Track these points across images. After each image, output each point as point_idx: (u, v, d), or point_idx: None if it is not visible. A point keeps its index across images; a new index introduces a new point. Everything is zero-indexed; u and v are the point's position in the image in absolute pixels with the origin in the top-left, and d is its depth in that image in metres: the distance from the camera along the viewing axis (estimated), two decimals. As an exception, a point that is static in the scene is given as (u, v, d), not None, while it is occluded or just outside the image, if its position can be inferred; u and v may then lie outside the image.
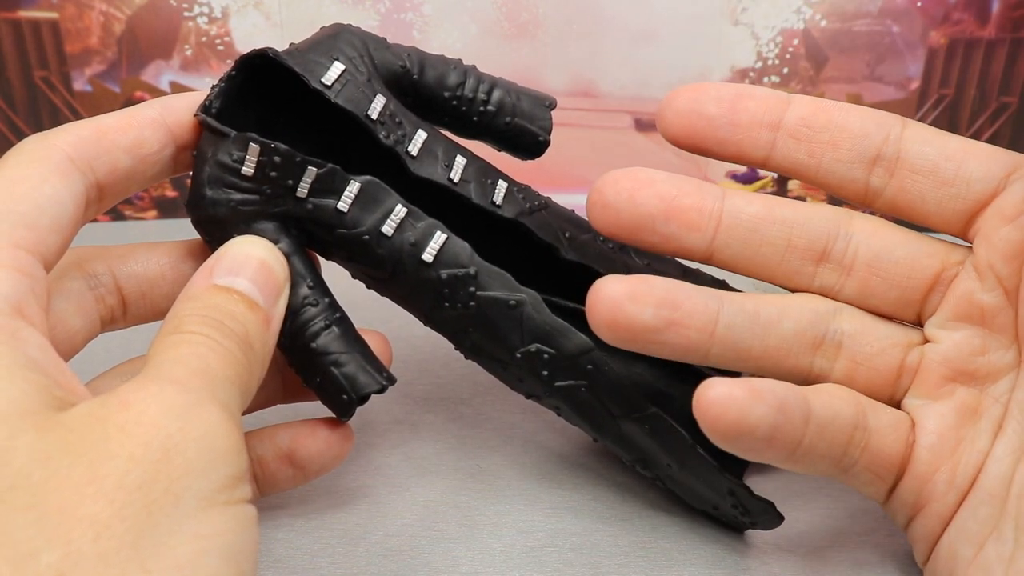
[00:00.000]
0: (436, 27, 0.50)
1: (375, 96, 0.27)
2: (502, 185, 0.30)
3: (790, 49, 0.51)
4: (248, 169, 0.26)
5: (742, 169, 0.53)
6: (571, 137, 0.53)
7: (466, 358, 0.30)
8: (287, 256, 0.26)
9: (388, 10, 0.50)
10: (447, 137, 0.30)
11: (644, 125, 0.53)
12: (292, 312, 0.26)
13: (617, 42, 0.51)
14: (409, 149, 0.28)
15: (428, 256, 0.27)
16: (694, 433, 0.31)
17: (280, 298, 0.25)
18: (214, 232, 0.26)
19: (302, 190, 0.26)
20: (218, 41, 0.50)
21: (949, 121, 0.52)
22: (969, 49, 0.49)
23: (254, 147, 0.25)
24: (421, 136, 0.28)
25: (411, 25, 0.50)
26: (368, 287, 0.30)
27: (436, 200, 0.29)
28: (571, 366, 0.28)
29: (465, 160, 0.29)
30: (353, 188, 0.27)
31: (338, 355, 0.27)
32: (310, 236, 0.27)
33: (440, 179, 0.28)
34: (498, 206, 0.29)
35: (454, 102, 0.30)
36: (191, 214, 0.27)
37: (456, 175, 0.29)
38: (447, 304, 0.28)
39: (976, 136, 0.52)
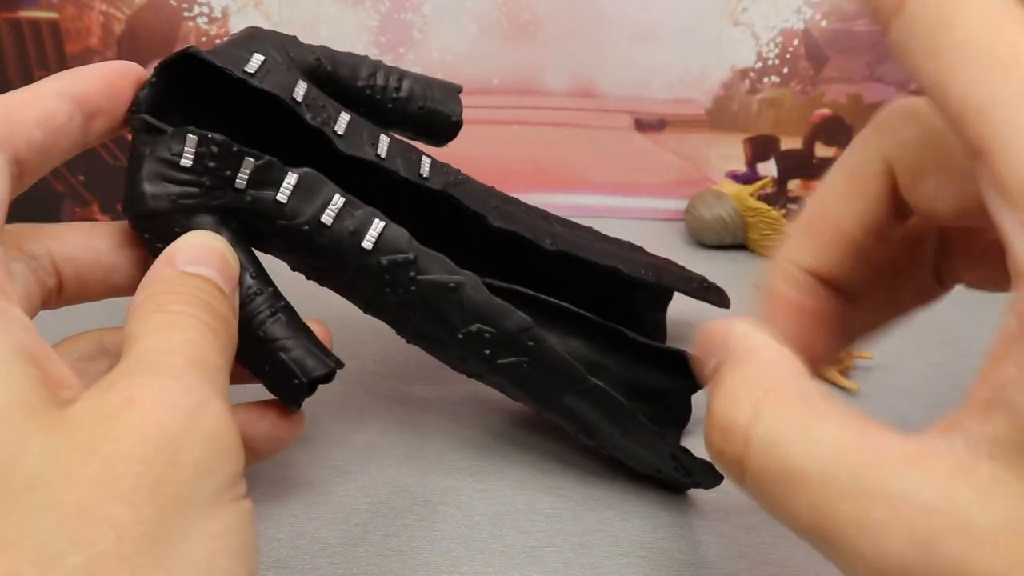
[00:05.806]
0: (436, 27, 0.50)
1: (297, 82, 0.28)
2: (426, 160, 0.31)
3: (790, 49, 0.51)
4: (187, 161, 0.26)
5: (742, 169, 0.53)
6: (571, 137, 0.53)
7: (408, 342, 0.31)
8: None
9: (388, 10, 0.50)
10: (368, 121, 0.31)
11: (644, 125, 0.53)
12: (239, 302, 0.27)
13: (617, 42, 0.51)
14: (336, 128, 0.29)
15: (368, 243, 0.28)
16: (631, 400, 0.33)
17: (237, 289, 0.26)
18: (155, 228, 0.27)
19: (240, 181, 0.27)
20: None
21: (949, 121, 0.51)
22: (969, 49, 0.49)
23: (192, 138, 0.26)
24: (345, 117, 0.29)
25: (411, 25, 0.50)
26: (308, 278, 0.30)
27: (365, 179, 0.30)
28: (512, 344, 0.29)
29: (388, 139, 0.30)
30: (291, 179, 0.27)
31: (285, 340, 0.27)
32: (250, 229, 0.28)
33: (368, 156, 0.29)
34: (425, 178, 0.31)
35: (368, 91, 0.31)
36: (129, 212, 0.27)
37: (383, 151, 0.30)
38: (388, 290, 0.29)
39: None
